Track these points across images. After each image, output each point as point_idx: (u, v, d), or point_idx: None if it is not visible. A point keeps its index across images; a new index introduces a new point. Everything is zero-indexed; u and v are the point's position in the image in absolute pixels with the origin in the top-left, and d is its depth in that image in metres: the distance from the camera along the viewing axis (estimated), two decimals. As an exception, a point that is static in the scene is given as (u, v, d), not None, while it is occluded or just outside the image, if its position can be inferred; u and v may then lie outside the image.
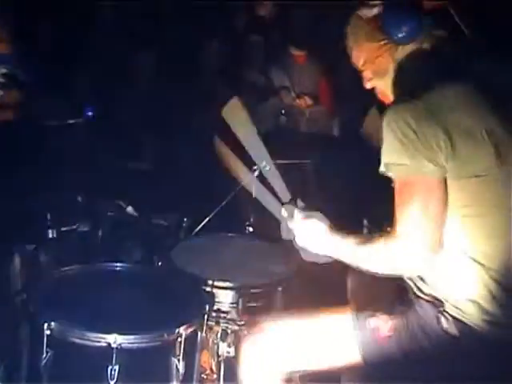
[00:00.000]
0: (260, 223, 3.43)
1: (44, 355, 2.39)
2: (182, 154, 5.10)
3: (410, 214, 2.11)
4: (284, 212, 2.42)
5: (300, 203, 2.44)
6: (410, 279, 2.31)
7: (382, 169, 2.19)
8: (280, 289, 2.89)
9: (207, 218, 3.44)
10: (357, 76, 2.42)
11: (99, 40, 5.90)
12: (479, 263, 2.19)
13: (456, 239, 2.19)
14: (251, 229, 3.42)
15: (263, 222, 3.39)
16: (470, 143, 2.13)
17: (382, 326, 2.29)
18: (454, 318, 2.21)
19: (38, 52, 5.25)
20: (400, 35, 2.22)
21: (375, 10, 2.27)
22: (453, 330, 2.21)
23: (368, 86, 2.40)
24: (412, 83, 2.22)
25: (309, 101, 5.90)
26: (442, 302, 2.24)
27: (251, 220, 3.43)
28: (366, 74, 2.37)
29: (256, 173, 3.04)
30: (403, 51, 2.26)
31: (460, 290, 2.22)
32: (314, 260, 2.37)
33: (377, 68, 2.32)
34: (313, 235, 2.32)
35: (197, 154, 5.14)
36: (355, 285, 2.59)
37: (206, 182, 4.64)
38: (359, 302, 2.41)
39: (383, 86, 2.35)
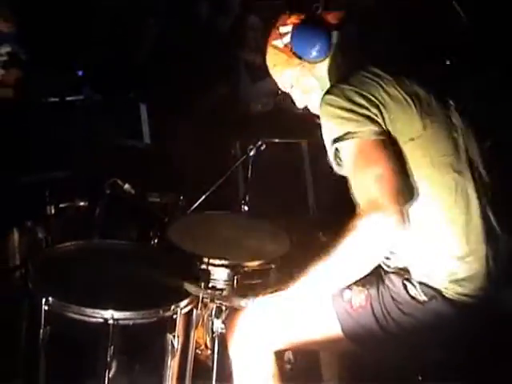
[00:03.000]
0: (255, 202, 3.47)
1: (42, 330, 2.43)
2: (179, 131, 5.11)
3: (366, 180, 2.16)
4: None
5: None
6: None
7: (329, 154, 2.28)
8: (274, 266, 2.94)
9: (203, 196, 3.48)
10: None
11: (100, 15, 5.88)
12: (443, 226, 2.26)
13: (419, 204, 2.24)
14: (246, 207, 3.45)
15: (258, 200, 3.44)
16: (399, 109, 2.22)
17: (355, 297, 2.36)
18: (420, 283, 2.28)
19: (38, 30, 5.24)
20: (312, 56, 2.38)
21: (286, 38, 2.41)
22: (420, 295, 2.28)
23: (301, 106, 2.54)
24: (338, 79, 2.34)
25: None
26: (407, 270, 2.31)
27: (247, 198, 3.46)
28: (295, 95, 2.53)
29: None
30: (322, 65, 2.41)
31: (425, 254, 2.29)
32: None
33: (303, 87, 2.48)
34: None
35: (195, 132, 5.16)
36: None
37: (203, 161, 4.67)
38: None
39: (315, 100, 2.44)
